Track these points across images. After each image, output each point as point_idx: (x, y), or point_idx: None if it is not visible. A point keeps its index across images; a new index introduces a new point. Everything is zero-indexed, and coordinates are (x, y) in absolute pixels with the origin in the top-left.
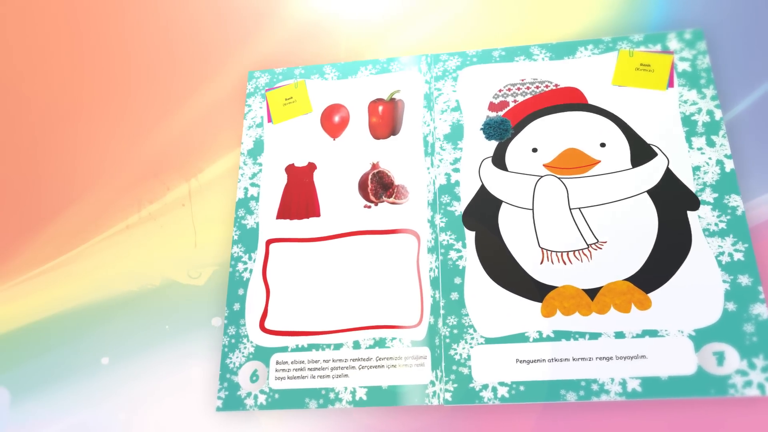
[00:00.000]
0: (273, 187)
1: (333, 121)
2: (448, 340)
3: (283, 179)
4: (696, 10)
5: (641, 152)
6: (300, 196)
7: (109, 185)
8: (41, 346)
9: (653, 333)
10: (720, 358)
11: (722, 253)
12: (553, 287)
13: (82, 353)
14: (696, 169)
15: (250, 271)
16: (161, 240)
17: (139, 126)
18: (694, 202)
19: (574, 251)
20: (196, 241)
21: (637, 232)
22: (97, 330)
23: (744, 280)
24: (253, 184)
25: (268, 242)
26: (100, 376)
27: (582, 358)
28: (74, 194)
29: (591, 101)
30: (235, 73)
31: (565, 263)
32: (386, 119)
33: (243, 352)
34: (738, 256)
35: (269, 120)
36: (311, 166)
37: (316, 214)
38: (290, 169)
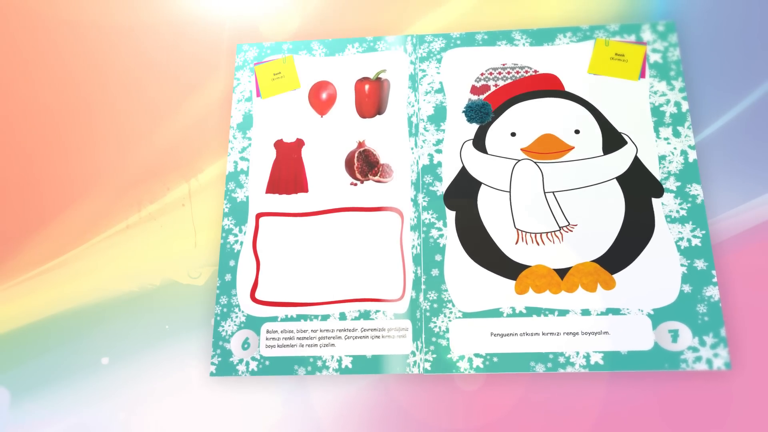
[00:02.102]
0: (262, 162)
1: (320, 98)
2: (428, 314)
3: (272, 154)
4: (670, 1)
5: (612, 140)
6: (288, 172)
7: (109, 185)
8: (41, 346)
9: (616, 311)
10: (675, 335)
11: (681, 239)
12: (526, 266)
13: (82, 353)
14: (662, 158)
15: (241, 243)
16: (161, 240)
17: (139, 126)
18: (658, 190)
19: (547, 233)
20: (196, 241)
21: (606, 217)
22: (97, 330)
23: (700, 264)
24: (242, 158)
25: (258, 216)
26: (100, 376)
27: (551, 333)
28: (74, 194)
29: (568, 88)
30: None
31: (538, 244)
32: (372, 98)
33: (235, 321)
34: (696, 241)
35: (258, 94)
36: (299, 142)
37: (304, 189)
38: (279, 145)
